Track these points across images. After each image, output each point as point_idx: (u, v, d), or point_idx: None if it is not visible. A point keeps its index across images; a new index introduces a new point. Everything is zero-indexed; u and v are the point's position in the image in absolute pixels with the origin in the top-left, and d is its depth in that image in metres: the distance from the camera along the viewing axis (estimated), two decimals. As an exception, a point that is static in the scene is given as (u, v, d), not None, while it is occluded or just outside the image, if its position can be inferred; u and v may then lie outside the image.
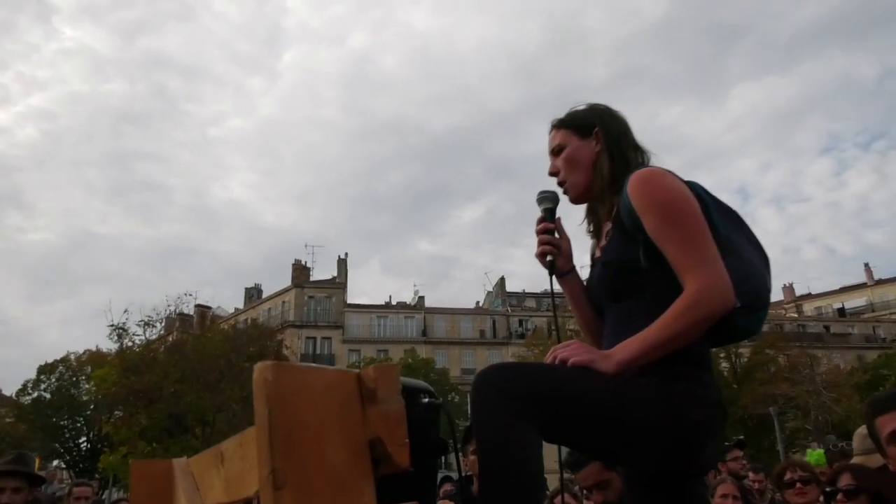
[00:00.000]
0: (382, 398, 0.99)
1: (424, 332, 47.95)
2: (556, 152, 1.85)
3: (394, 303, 52.83)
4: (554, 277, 1.88)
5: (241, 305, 52.41)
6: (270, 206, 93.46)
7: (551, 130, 1.89)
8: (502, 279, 53.22)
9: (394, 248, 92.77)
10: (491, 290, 53.75)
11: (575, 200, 1.86)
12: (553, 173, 1.86)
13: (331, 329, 47.02)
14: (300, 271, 49.41)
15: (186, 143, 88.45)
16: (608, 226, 1.78)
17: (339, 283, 49.58)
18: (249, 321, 37.40)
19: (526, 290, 54.20)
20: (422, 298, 51.42)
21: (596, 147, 1.79)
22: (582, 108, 1.87)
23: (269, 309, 48.68)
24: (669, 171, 1.66)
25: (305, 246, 73.93)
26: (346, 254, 51.42)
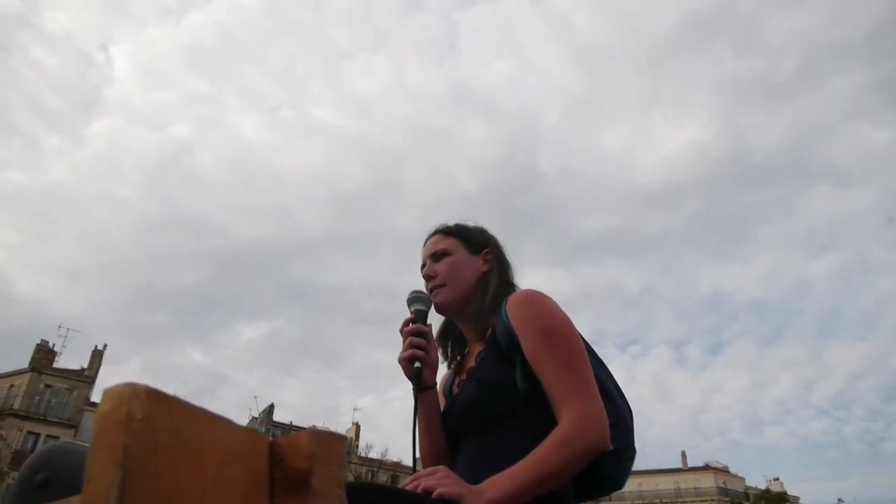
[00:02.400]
0: (317, 489, 0.57)
1: (173, 448, 43.28)
2: (437, 256, 1.77)
3: (145, 410, 47.63)
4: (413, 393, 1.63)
5: (-44, 380, 44.42)
6: (30, 275, 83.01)
7: (433, 235, 1.84)
8: (272, 406, 50.54)
9: (162, 350, 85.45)
10: (257, 415, 50.70)
11: (442, 306, 1.74)
12: (430, 275, 1.76)
13: (62, 427, 41.11)
14: (44, 354, 43.49)
15: (-56, 182, 77.62)
16: (477, 347, 1.69)
17: (86, 377, 44.10)
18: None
19: (293, 423, 51.77)
20: (180, 410, 46.98)
21: (483, 266, 1.76)
22: (472, 225, 1.85)
23: (-7, 390, 41.79)
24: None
25: (59, 327, 65.83)
26: (105, 345, 46.30)
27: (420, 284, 1.81)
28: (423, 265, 1.81)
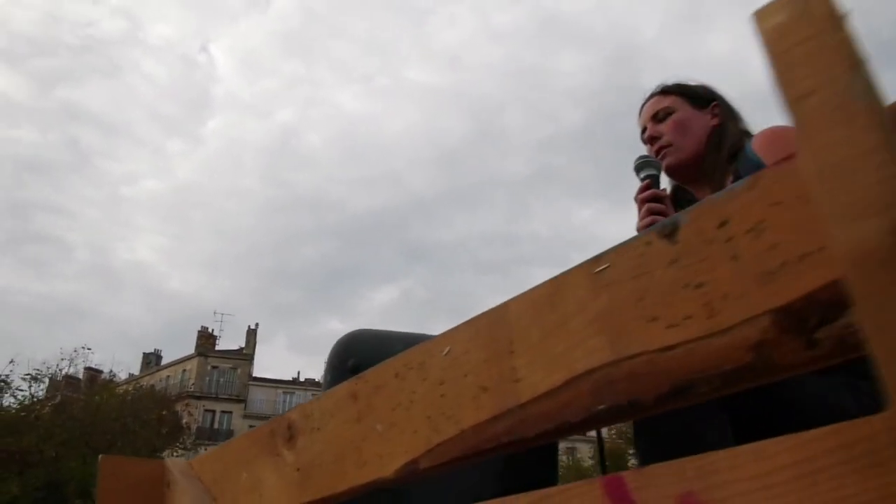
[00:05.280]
0: None
1: (333, 412, 45.85)
2: (659, 116, 1.64)
3: (302, 379, 50.68)
4: None
5: (136, 371, 48.93)
6: (177, 272, 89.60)
7: (650, 98, 1.70)
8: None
9: (302, 324, 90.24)
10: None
11: (673, 168, 1.61)
12: (653, 136, 1.63)
13: (232, 402, 44.48)
14: (206, 339, 47.01)
15: (95, 200, 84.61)
16: None
17: (245, 355, 47.32)
18: (146, 388, 34.78)
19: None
20: (333, 377, 49.56)
21: (712, 121, 1.61)
22: (694, 82, 1.69)
23: (168, 377, 45.75)
24: None
25: (214, 313, 70.93)
26: (257, 324, 49.36)
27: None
28: (644, 130, 1.68)
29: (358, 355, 1.08)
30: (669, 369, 0.44)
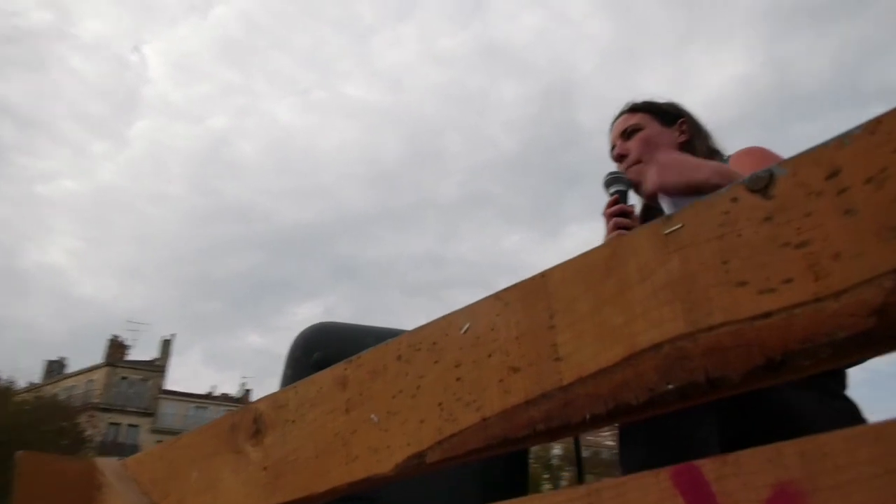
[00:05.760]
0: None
1: (246, 429, 44.43)
2: (628, 134, 1.64)
3: (216, 394, 49.04)
4: None
5: (38, 379, 46.19)
6: (91, 277, 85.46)
7: (619, 116, 1.70)
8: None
9: (220, 337, 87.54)
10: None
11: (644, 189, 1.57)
12: (622, 153, 1.63)
13: (140, 416, 42.56)
14: (116, 348, 44.85)
15: (7, 196, 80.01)
16: None
17: (158, 366, 45.44)
18: (47, 397, 32.86)
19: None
20: (248, 392, 48.22)
21: (680, 137, 1.61)
22: (661, 100, 1.70)
23: (73, 386, 43.37)
24: None
25: (127, 322, 67.87)
26: (173, 335, 47.55)
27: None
28: (613, 147, 1.68)
29: (324, 348, 0.99)
30: (762, 340, 0.38)
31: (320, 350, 1.01)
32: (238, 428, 0.77)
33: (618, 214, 1.52)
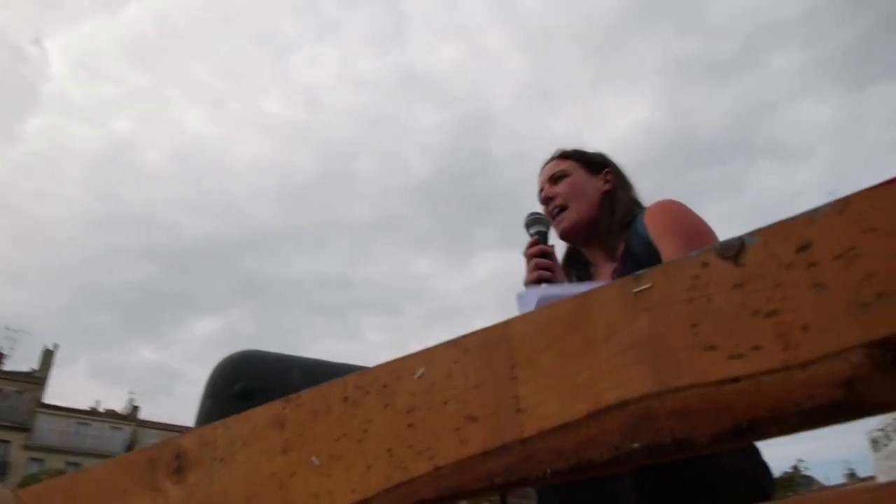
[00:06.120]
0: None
1: (132, 447, 42.21)
2: (555, 178, 1.70)
3: (101, 409, 46.33)
4: None
5: None
6: (-32, 278, 79.47)
7: (549, 161, 1.76)
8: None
9: (110, 350, 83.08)
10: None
11: (567, 231, 1.64)
12: (549, 197, 1.68)
13: (12, 431, 39.65)
14: (-9, 357, 41.79)
15: None
16: (606, 269, 1.61)
17: (37, 378, 42.56)
18: None
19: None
20: (137, 409, 45.84)
21: (604, 186, 1.67)
22: (590, 149, 1.77)
23: (-64, 397, 40.01)
24: None
25: (4, 328, 63.37)
26: (56, 345, 44.68)
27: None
28: (541, 190, 1.73)
29: (247, 378, 0.94)
30: (730, 405, 0.39)
31: (243, 380, 0.96)
32: (157, 463, 0.72)
33: (538, 255, 1.58)
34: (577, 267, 1.72)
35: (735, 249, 0.41)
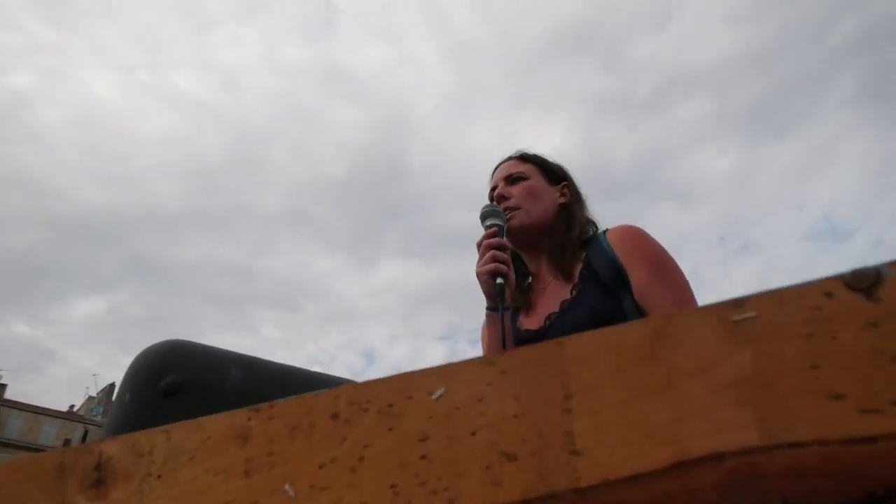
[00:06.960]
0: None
1: (-10, 427, 39.28)
2: (513, 179, 1.67)
3: (-39, 385, 42.90)
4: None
5: None
6: None
7: (509, 160, 1.73)
8: (112, 385, 47.14)
9: (-23, 318, 77.34)
10: (95, 395, 47.04)
11: (517, 230, 1.60)
12: (503, 195, 1.64)
13: None
14: None
15: None
16: (553, 283, 1.58)
17: None
18: None
19: (133, 400, 48.56)
20: (3, 387, 42.73)
21: (560, 198, 1.66)
22: (551, 159, 1.75)
23: None
24: None
25: None
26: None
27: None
28: (494, 188, 1.69)
29: (178, 372, 0.81)
30: (863, 468, 0.32)
31: (172, 373, 0.83)
32: (69, 472, 0.59)
33: (496, 248, 1.49)
34: (516, 270, 1.64)
35: (870, 280, 0.34)
